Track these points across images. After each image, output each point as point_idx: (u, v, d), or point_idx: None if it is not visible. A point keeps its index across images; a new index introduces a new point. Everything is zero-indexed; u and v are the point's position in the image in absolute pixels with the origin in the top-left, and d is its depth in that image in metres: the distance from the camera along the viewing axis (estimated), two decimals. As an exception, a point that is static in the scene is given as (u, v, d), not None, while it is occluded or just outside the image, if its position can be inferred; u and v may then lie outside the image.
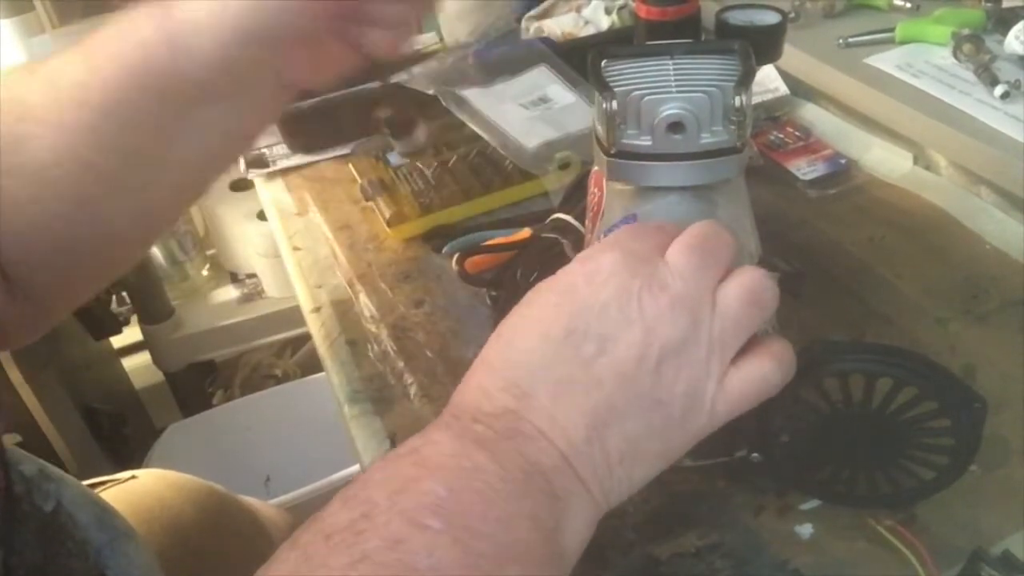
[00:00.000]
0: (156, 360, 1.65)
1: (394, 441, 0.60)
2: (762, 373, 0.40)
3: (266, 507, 0.96)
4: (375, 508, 0.34)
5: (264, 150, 0.96)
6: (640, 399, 0.38)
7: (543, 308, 0.40)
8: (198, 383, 1.72)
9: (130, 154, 0.46)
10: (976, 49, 0.80)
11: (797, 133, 0.86)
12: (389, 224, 0.79)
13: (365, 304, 0.73)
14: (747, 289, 0.40)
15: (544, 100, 0.88)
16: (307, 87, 0.51)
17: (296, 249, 0.82)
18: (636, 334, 0.38)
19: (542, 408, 0.38)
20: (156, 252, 1.58)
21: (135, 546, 0.56)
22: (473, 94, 0.87)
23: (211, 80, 0.45)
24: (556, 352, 0.38)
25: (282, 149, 0.95)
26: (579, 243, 0.64)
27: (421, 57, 0.94)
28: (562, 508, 0.37)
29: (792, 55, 0.88)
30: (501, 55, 0.94)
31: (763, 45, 0.55)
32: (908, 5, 0.92)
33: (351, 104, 0.92)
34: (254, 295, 1.65)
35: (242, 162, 0.96)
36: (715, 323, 0.39)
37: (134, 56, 0.45)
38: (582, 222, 0.64)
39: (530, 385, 0.38)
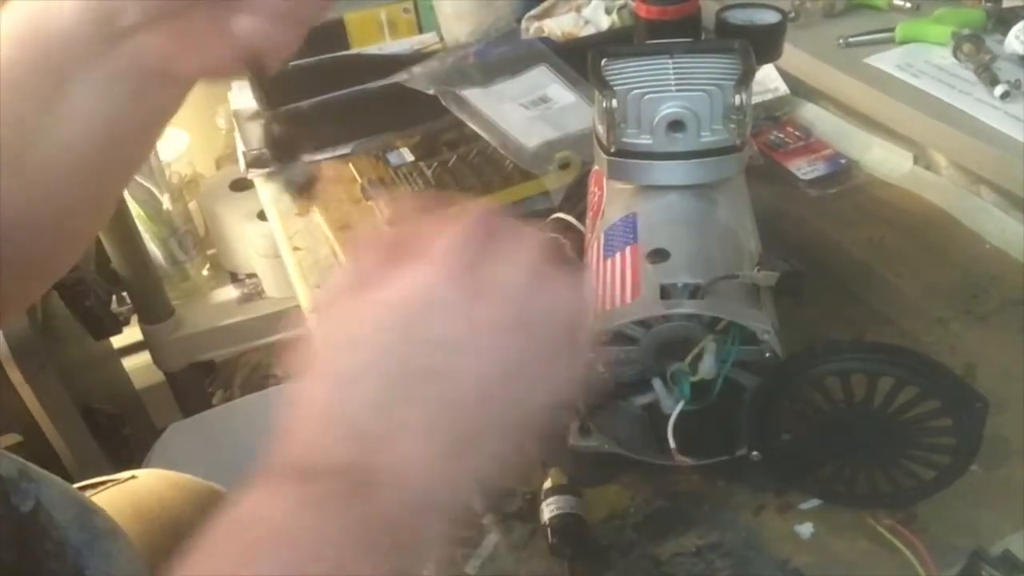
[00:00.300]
0: (156, 360, 1.65)
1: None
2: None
3: (266, 507, 0.95)
4: None
5: (264, 150, 0.96)
6: (491, 419, 0.36)
7: (376, 346, 0.37)
8: (198, 383, 1.72)
9: (14, 122, 0.45)
10: (976, 49, 0.80)
11: (797, 133, 0.86)
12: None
13: (365, 304, 0.73)
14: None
15: (544, 100, 0.88)
16: (190, 76, 0.49)
17: (296, 249, 0.82)
18: (473, 361, 0.36)
19: (390, 456, 0.35)
20: (156, 252, 1.58)
21: (118, 546, 0.56)
22: (473, 94, 0.87)
23: (78, 52, 0.44)
24: (397, 393, 0.35)
25: (282, 149, 0.95)
26: (580, 242, 0.64)
27: (421, 57, 0.94)
28: (415, 550, 0.35)
29: (792, 55, 0.88)
30: (501, 55, 0.94)
31: (763, 44, 0.55)
32: (908, 5, 0.92)
33: (351, 104, 0.92)
34: (254, 295, 1.65)
35: (242, 162, 0.96)
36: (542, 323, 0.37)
37: (13, 17, 0.44)
38: (582, 221, 0.64)
39: (374, 431, 0.35)
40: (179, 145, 1.66)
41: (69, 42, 0.44)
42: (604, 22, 0.99)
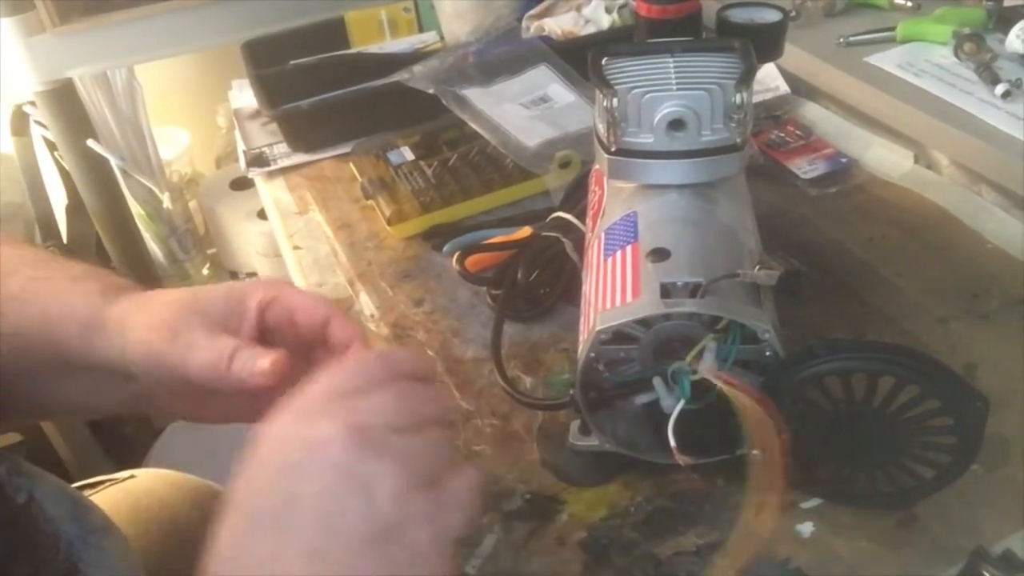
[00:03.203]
0: (156, 359, 1.65)
1: (394, 440, 0.60)
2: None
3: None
4: None
5: (264, 149, 0.96)
6: (358, 549, 0.36)
7: (242, 493, 0.38)
8: (198, 383, 1.72)
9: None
10: (977, 48, 0.80)
11: (798, 132, 0.86)
12: (389, 223, 0.79)
13: (365, 303, 0.73)
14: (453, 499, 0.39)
15: (544, 99, 0.88)
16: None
17: (296, 248, 0.82)
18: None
19: None
20: (156, 251, 1.58)
21: (112, 540, 0.56)
22: (473, 93, 0.87)
23: (96, 375, 0.49)
24: (252, 534, 0.37)
25: (282, 148, 0.95)
26: (580, 241, 0.64)
27: (421, 56, 0.94)
28: None
29: (793, 54, 0.88)
30: (501, 54, 0.94)
31: (764, 43, 0.55)
32: (909, 4, 0.92)
33: (351, 104, 0.92)
34: (254, 294, 1.65)
35: (243, 161, 0.96)
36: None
37: (58, 313, 0.48)
38: (583, 220, 0.64)
39: (237, 571, 0.36)
40: (179, 144, 1.66)
41: (94, 363, 0.48)
42: (604, 21, 0.99)
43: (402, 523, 0.36)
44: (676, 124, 0.50)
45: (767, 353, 0.47)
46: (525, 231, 0.73)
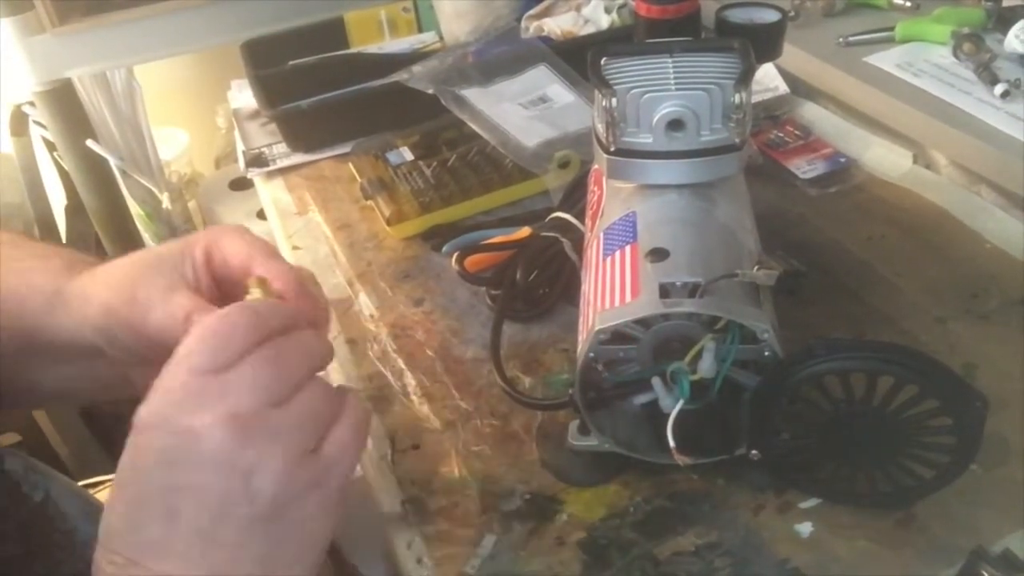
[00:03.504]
0: (156, 360, 1.65)
1: (393, 440, 0.60)
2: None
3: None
4: None
5: (263, 149, 0.96)
6: (247, 529, 0.38)
7: (126, 475, 0.39)
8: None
9: None
10: (976, 48, 0.80)
11: (797, 132, 0.86)
12: (389, 223, 0.79)
13: (365, 303, 0.73)
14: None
15: (544, 99, 0.88)
16: None
17: (296, 248, 0.82)
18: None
19: (148, 574, 0.37)
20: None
21: None
22: (473, 93, 0.87)
23: (65, 354, 0.50)
24: (140, 518, 0.38)
25: (282, 148, 0.95)
26: (579, 241, 0.64)
27: (421, 56, 0.94)
28: None
29: (792, 54, 0.88)
30: (501, 54, 0.94)
31: (763, 43, 0.55)
32: (908, 4, 0.92)
33: (351, 104, 0.92)
34: (254, 295, 1.65)
35: (242, 161, 0.96)
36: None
37: (25, 290, 0.50)
38: (582, 220, 0.64)
39: (129, 552, 0.38)
40: (179, 144, 1.66)
41: (58, 340, 0.49)
42: (604, 21, 0.99)
43: (288, 499, 0.38)
44: (675, 124, 0.50)
45: (766, 353, 0.47)
46: (524, 231, 0.73)
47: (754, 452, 0.50)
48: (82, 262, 0.51)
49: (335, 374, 0.66)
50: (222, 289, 0.48)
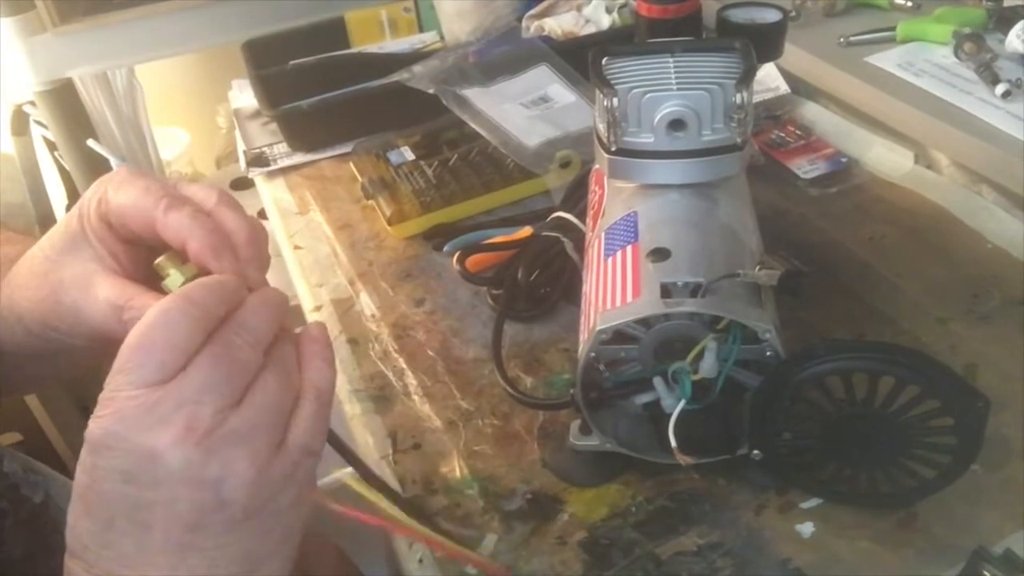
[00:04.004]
0: (156, 359, 1.65)
1: (395, 440, 0.60)
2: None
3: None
4: None
5: (264, 149, 0.96)
6: (224, 534, 0.37)
7: (89, 494, 0.38)
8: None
9: None
10: (977, 48, 0.80)
11: (798, 132, 0.86)
12: (390, 223, 0.79)
13: (366, 303, 0.73)
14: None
15: (545, 99, 0.88)
16: None
17: (297, 248, 0.82)
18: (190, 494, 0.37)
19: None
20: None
21: None
22: (474, 93, 0.87)
23: (16, 358, 0.48)
24: (110, 534, 0.37)
25: (283, 148, 0.95)
26: (580, 241, 0.64)
27: (422, 56, 0.94)
28: None
29: (793, 53, 0.88)
30: (502, 54, 0.94)
31: (764, 43, 0.55)
32: (909, 4, 0.92)
33: (352, 103, 0.92)
34: (254, 294, 1.65)
35: (243, 161, 0.96)
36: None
37: None
38: (583, 220, 0.64)
39: (104, 563, 0.37)
40: (179, 144, 1.66)
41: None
42: (605, 21, 0.98)
43: (263, 500, 0.37)
44: (676, 124, 0.50)
45: (768, 353, 0.47)
46: (525, 231, 0.73)
47: (756, 452, 0.50)
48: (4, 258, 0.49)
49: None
50: (141, 251, 0.45)
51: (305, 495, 0.39)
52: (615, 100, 0.50)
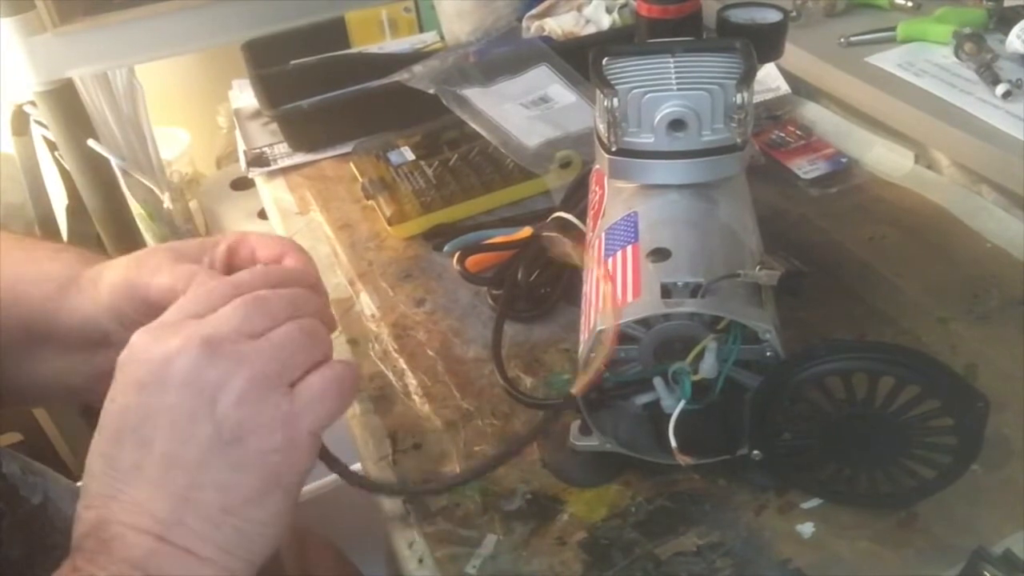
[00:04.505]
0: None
1: (395, 440, 0.60)
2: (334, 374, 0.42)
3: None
4: None
5: (265, 149, 0.96)
6: (209, 450, 0.39)
7: (107, 414, 0.40)
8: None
9: None
10: (977, 48, 0.80)
11: (798, 132, 0.86)
12: (390, 223, 0.79)
13: (366, 303, 0.73)
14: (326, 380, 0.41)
15: (545, 100, 0.88)
16: None
17: (297, 248, 0.82)
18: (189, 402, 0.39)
19: (124, 503, 0.38)
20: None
21: None
22: (474, 93, 0.87)
23: (64, 344, 0.50)
24: (117, 450, 0.39)
25: (283, 148, 0.95)
26: (581, 241, 0.64)
27: (422, 56, 0.94)
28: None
29: (793, 54, 0.88)
30: (502, 54, 0.94)
31: (764, 43, 0.55)
32: (909, 4, 0.92)
33: (352, 103, 0.92)
34: (255, 294, 1.65)
35: (243, 161, 0.96)
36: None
37: (35, 277, 0.51)
38: (583, 220, 0.64)
39: (107, 489, 0.39)
40: (180, 144, 1.66)
41: (67, 327, 0.50)
42: (605, 21, 0.98)
43: (253, 426, 0.39)
44: (677, 124, 0.50)
45: (768, 353, 0.47)
46: (526, 231, 0.73)
47: (756, 452, 0.50)
48: (96, 258, 0.52)
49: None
50: None
51: (296, 456, 0.40)
52: (615, 100, 0.50)
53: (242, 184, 1.55)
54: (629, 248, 0.52)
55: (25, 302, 0.50)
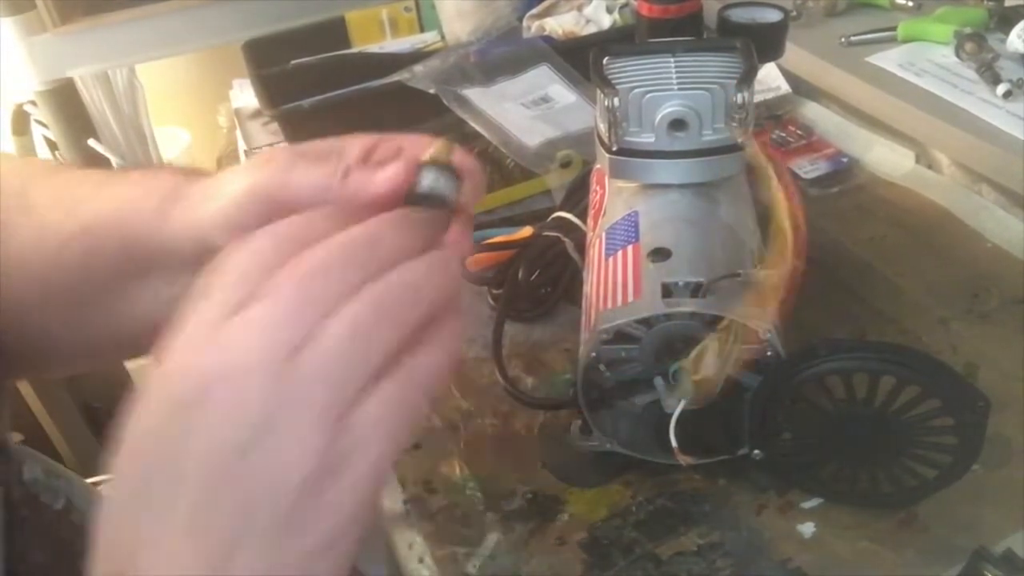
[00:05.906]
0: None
1: (395, 439, 0.60)
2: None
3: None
4: None
5: (265, 149, 0.96)
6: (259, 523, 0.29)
7: (120, 474, 0.32)
8: (199, 382, 1.72)
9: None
10: (978, 48, 0.80)
11: (799, 131, 0.86)
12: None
13: (366, 303, 0.73)
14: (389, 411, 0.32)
15: (545, 99, 0.88)
16: None
17: (297, 248, 0.82)
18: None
19: (145, 564, 0.30)
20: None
21: None
22: (474, 93, 0.87)
23: (168, 269, 0.43)
24: (143, 485, 0.31)
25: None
26: (581, 241, 0.64)
27: (422, 56, 0.94)
28: None
29: (794, 53, 0.88)
30: (502, 54, 0.94)
31: (765, 43, 0.55)
32: (910, 4, 0.92)
33: (353, 103, 0.92)
34: (255, 294, 1.65)
35: (244, 160, 0.96)
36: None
37: (133, 194, 0.43)
38: (584, 220, 0.64)
39: (122, 542, 0.31)
40: (180, 143, 1.66)
41: (170, 249, 0.42)
42: (606, 21, 0.98)
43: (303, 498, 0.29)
44: (677, 124, 0.50)
45: (768, 353, 0.47)
46: (526, 231, 0.73)
47: (756, 452, 0.50)
48: (201, 172, 0.44)
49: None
50: None
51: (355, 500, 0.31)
52: (616, 100, 0.50)
53: (242, 184, 1.55)
54: (630, 248, 0.52)
55: (128, 223, 0.42)
